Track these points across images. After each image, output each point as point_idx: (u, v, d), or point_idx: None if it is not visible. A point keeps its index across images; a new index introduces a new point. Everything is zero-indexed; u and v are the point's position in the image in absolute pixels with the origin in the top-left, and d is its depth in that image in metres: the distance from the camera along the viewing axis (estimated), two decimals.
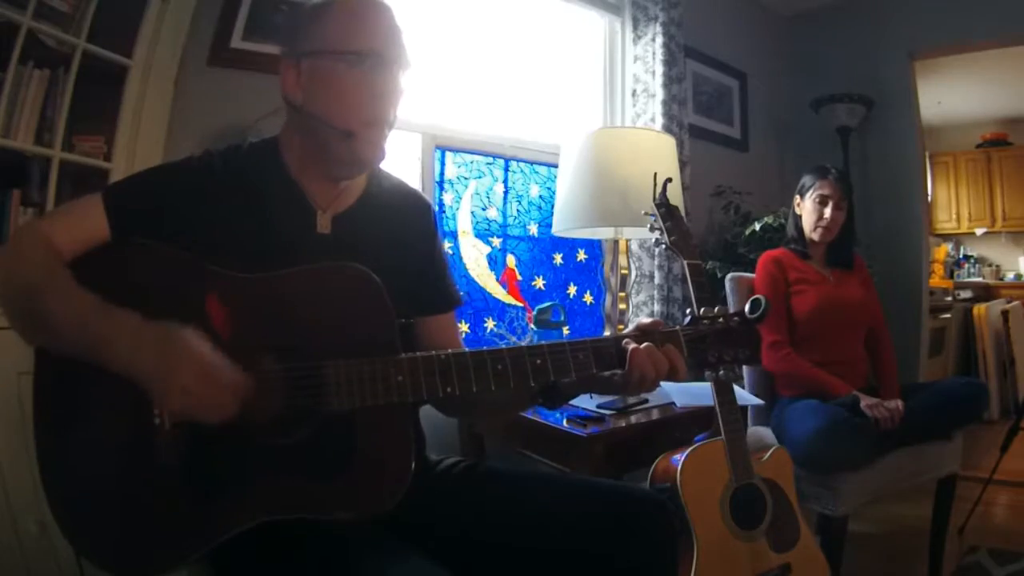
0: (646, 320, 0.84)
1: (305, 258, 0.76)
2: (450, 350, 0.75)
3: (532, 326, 1.94)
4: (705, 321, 0.87)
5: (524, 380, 0.76)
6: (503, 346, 0.78)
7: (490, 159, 2.17)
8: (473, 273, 2.12)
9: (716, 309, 0.88)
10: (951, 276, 5.36)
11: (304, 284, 0.75)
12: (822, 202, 1.77)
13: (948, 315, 3.82)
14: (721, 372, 0.87)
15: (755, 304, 0.86)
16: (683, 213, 1.35)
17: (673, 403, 1.56)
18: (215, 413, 0.66)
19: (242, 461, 0.70)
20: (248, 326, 0.73)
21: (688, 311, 0.89)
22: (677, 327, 0.86)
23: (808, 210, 1.80)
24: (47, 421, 0.72)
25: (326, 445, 0.72)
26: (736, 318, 0.88)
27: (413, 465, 0.74)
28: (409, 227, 0.96)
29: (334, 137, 0.82)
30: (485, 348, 0.77)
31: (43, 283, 0.70)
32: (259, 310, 0.74)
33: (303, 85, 0.82)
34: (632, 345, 0.79)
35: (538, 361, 0.77)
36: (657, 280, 2.30)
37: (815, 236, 1.79)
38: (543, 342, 0.79)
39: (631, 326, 0.85)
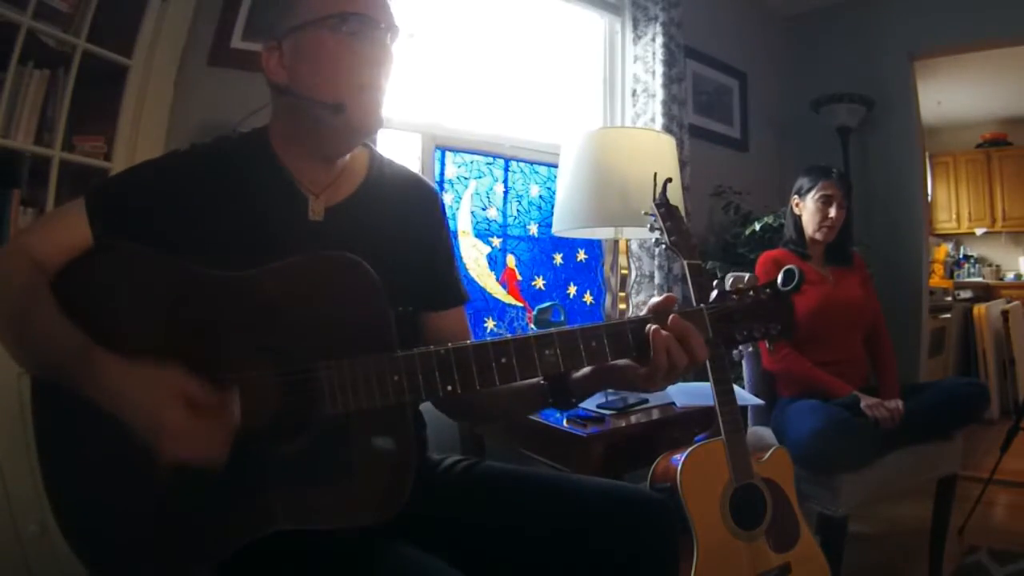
0: (657, 298, 0.77)
1: (297, 247, 0.73)
2: (450, 344, 0.70)
3: (532, 326, 1.93)
4: (734, 296, 0.79)
5: (532, 374, 0.71)
6: (508, 336, 0.71)
7: (490, 159, 2.16)
8: (473, 273, 2.12)
9: (747, 279, 0.81)
10: (951, 276, 5.36)
11: (292, 278, 0.71)
12: (826, 202, 1.77)
13: (948, 315, 3.82)
14: (749, 348, 0.80)
15: (788, 275, 0.79)
16: (683, 213, 1.35)
17: (673, 403, 1.56)
18: (207, 457, 0.63)
19: (240, 472, 0.66)
20: (235, 329, 0.69)
21: (716, 283, 0.82)
22: (702, 305, 0.79)
23: (811, 210, 1.80)
24: (47, 428, 0.71)
25: (322, 453, 0.68)
26: (768, 291, 0.80)
27: (413, 473, 0.69)
28: (413, 217, 0.92)
29: (325, 112, 0.78)
30: (489, 339, 0.71)
31: (27, 312, 0.69)
32: (246, 310, 0.70)
33: (286, 64, 0.79)
34: (654, 327, 0.72)
35: (547, 352, 0.70)
36: (657, 280, 2.30)
37: (818, 236, 1.79)
38: (552, 330, 0.72)
39: (643, 310, 0.77)
